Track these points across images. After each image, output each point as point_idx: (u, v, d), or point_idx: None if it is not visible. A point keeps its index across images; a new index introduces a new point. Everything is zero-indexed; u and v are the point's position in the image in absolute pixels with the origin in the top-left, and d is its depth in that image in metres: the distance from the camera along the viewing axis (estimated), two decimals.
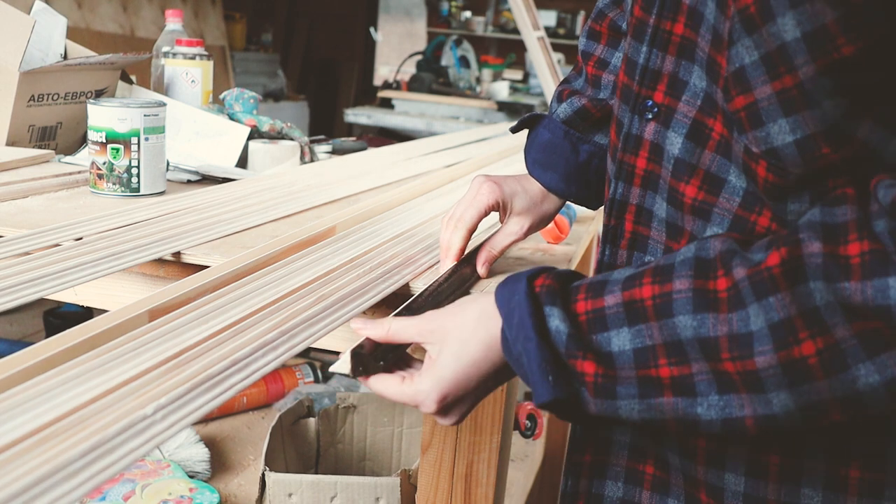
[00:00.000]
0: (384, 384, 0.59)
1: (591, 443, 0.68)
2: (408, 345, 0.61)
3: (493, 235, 0.80)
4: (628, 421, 0.54)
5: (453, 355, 0.57)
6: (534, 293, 0.56)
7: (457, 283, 0.74)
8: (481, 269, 0.78)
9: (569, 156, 0.81)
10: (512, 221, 0.79)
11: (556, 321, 0.54)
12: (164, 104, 1.04)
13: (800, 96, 0.49)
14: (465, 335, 0.57)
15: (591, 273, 0.96)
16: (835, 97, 0.48)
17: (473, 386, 0.58)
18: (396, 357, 0.61)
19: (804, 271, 0.47)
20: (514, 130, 0.88)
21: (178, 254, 0.77)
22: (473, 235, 0.77)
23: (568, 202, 0.85)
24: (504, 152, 1.63)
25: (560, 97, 0.83)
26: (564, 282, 0.57)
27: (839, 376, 0.47)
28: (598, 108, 0.80)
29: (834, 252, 0.46)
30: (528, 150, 0.84)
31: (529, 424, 1.10)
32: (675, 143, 0.60)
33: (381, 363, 0.59)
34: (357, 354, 0.57)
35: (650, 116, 0.61)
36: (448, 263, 0.76)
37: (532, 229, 0.80)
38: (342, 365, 0.56)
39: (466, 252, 0.78)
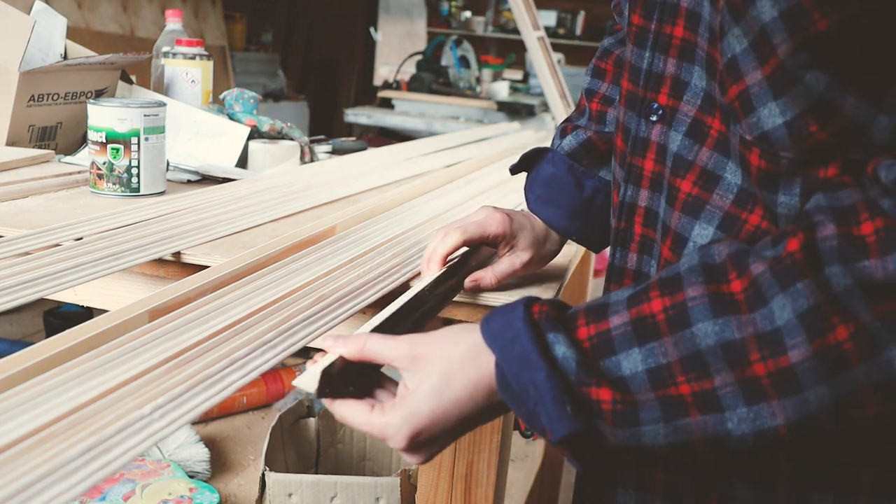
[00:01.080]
0: (350, 411, 0.53)
1: None
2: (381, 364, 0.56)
3: (498, 261, 0.76)
4: (652, 449, 0.50)
5: (434, 390, 0.52)
6: (533, 320, 0.52)
7: (442, 296, 0.69)
8: (469, 283, 0.73)
9: (572, 191, 0.79)
10: (515, 255, 0.75)
11: (562, 348, 0.50)
12: (164, 104, 1.04)
13: (783, 76, 0.50)
14: (451, 370, 0.52)
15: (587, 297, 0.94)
16: (813, 71, 0.49)
17: (451, 426, 0.53)
18: (370, 381, 0.56)
19: (819, 257, 0.46)
20: (515, 171, 0.85)
21: (178, 254, 0.77)
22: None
23: None
24: (504, 152, 1.63)
25: (563, 132, 0.82)
26: (559, 309, 0.54)
27: (874, 360, 0.45)
28: (603, 140, 0.79)
29: (848, 233, 0.46)
30: (530, 186, 0.82)
31: None
32: (675, 140, 0.60)
33: (351, 388, 0.53)
34: (327, 374, 0.51)
35: (655, 119, 0.62)
36: (434, 268, 0.71)
37: (528, 267, 0.77)
38: (308, 382, 0.50)
39: (450, 264, 0.73)
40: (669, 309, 0.49)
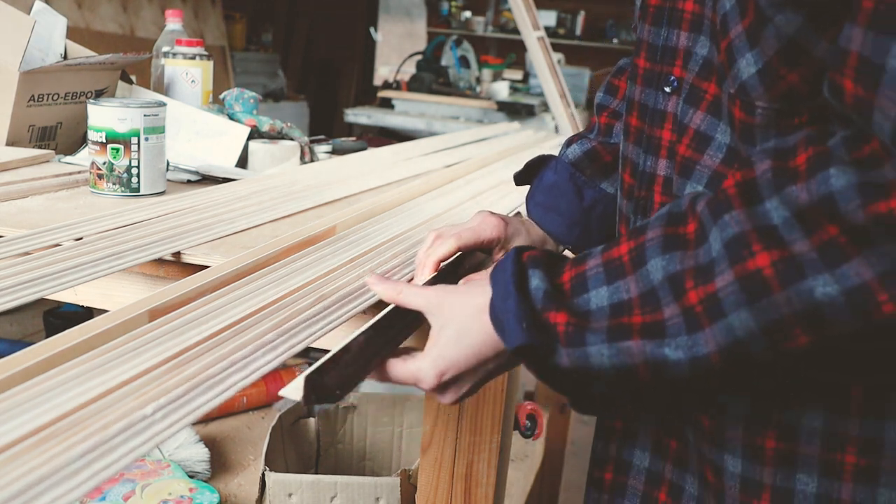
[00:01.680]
0: (388, 366, 0.60)
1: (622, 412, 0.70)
2: (392, 350, 0.61)
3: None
4: (600, 371, 0.54)
5: (454, 337, 0.59)
6: (521, 261, 0.58)
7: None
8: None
9: (572, 199, 0.81)
10: None
11: (536, 280, 0.56)
12: (164, 104, 1.04)
13: (758, 21, 0.52)
14: (468, 319, 0.59)
15: None
16: (786, 11, 0.50)
17: (472, 367, 0.59)
18: (360, 372, 0.58)
19: (758, 191, 0.48)
20: (519, 180, 0.87)
21: (178, 254, 0.77)
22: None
23: None
24: (504, 152, 1.63)
25: (569, 143, 0.84)
26: (554, 257, 0.59)
27: (796, 286, 0.46)
28: (608, 151, 0.81)
29: (783, 166, 0.48)
30: (532, 194, 0.84)
31: (529, 424, 1.10)
32: (679, 107, 0.64)
33: (338, 392, 0.54)
34: (311, 380, 0.51)
35: (669, 90, 0.64)
36: (427, 273, 0.71)
37: None
38: (293, 391, 0.50)
39: (442, 268, 0.74)
40: (633, 250, 0.54)
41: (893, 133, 0.44)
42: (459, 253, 0.74)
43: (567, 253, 0.89)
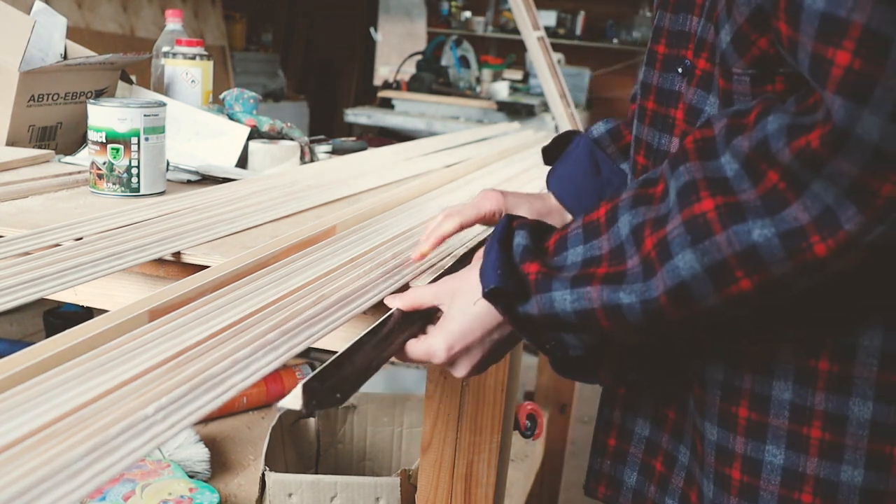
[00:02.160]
0: (407, 347, 0.65)
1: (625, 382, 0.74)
2: (391, 351, 0.64)
3: None
4: (563, 317, 0.57)
5: (459, 310, 0.64)
6: (510, 225, 0.63)
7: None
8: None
9: (588, 172, 0.84)
10: None
11: (519, 238, 0.61)
12: (164, 104, 1.04)
13: None
14: (471, 292, 0.63)
15: None
16: None
17: (478, 337, 0.64)
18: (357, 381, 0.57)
19: (714, 148, 0.52)
20: (547, 158, 0.89)
21: (178, 254, 0.77)
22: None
23: None
24: (504, 152, 1.63)
25: (597, 123, 0.88)
26: (544, 225, 0.64)
27: (735, 228, 0.49)
28: (630, 131, 0.82)
29: (736, 122, 0.52)
30: (555, 167, 0.86)
31: (529, 424, 1.10)
32: (682, 85, 0.67)
33: (338, 395, 0.54)
34: (309, 387, 0.51)
35: (681, 71, 0.67)
36: (426, 246, 0.75)
37: None
38: (293, 400, 0.51)
39: (461, 256, 0.82)
40: (609, 211, 0.58)
41: (810, 67, 0.47)
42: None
43: None
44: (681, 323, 0.55)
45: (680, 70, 0.67)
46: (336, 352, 0.57)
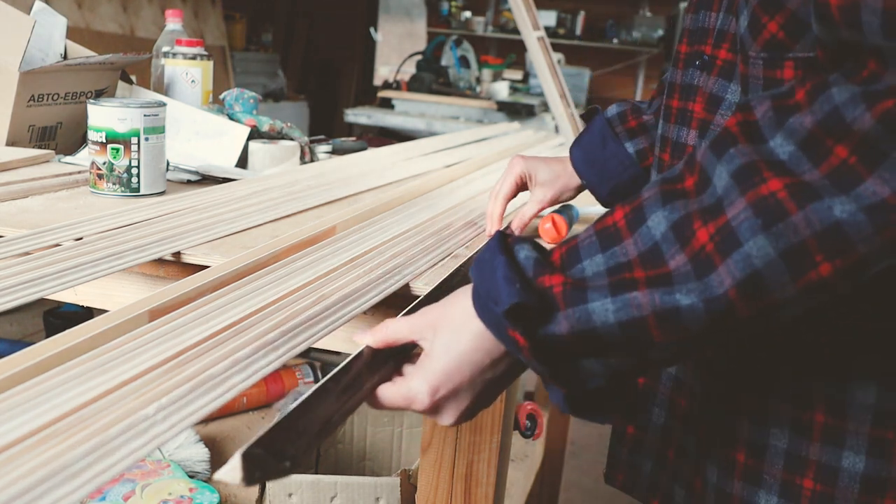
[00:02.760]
0: (380, 392, 0.55)
1: None
2: (353, 404, 0.54)
3: (523, 205, 0.95)
4: (605, 331, 0.49)
5: (444, 347, 0.54)
6: (506, 243, 0.54)
7: (458, 282, 0.70)
8: (516, 231, 0.93)
9: (597, 145, 0.92)
10: (537, 191, 0.93)
11: (524, 252, 0.53)
12: (164, 104, 1.04)
13: None
14: (457, 325, 0.54)
15: None
16: None
17: (467, 378, 0.54)
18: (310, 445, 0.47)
19: (761, 132, 0.48)
20: (586, 118, 0.98)
21: (178, 254, 0.77)
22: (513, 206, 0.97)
23: (572, 204, 0.99)
24: (504, 152, 1.63)
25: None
26: (540, 244, 0.57)
27: (813, 206, 0.44)
28: (635, 117, 0.91)
29: (783, 103, 0.48)
30: (578, 138, 0.95)
31: (529, 424, 1.10)
32: (703, 79, 0.68)
33: (287, 463, 0.44)
34: (250, 456, 0.42)
35: (698, 64, 0.68)
36: (492, 228, 0.92)
37: (556, 199, 0.94)
38: (230, 472, 0.42)
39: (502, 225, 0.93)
40: (629, 214, 0.51)
41: (883, 25, 0.43)
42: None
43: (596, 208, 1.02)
44: (748, 322, 0.48)
45: (698, 63, 0.68)
46: (338, 352, 0.56)
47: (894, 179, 0.43)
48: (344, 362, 0.54)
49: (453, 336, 0.54)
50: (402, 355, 0.58)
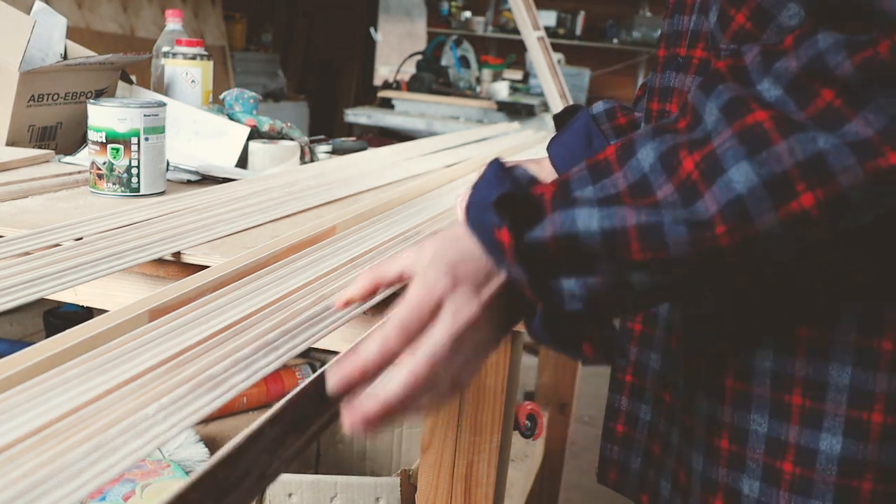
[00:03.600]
0: (365, 346, 0.51)
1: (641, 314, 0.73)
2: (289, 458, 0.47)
3: None
4: (586, 240, 0.49)
5: (433, 251, 0.53)
6: (503, 165, 0.54)
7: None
8: None
9: (581, 143, 0.89)
10: None
11: (519, 171, 0.53)
12: (164, 104, 1.04)
13: None
14: (446, 239, 0.54)
15: None
16: None
17: (462, 272, 0.52)
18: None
19: (749, 76, 0.49)
20: (558, 122, 0.96)
21: (178, 254, 0.77)
22: None
23: None
24: (504, 152, 1.63)
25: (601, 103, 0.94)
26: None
27: (797, 136, 0.45)
28: (623, 113, 0.89)
29: (771, 49, 0.49)
30: (556, 136, 0.92)
31: (529, 424, 1.10)
32: (677, 79, 0.69)
33: None
34: None
35: (674, 66, 0.69)
36: None
37: None
38: None
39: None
40: (620, 149, 0.52)
41: None
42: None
43: None
44: (731, 254, 0.48)
45: (674, 66, 0.68)
46: (339, 352, 0.56)
47: (878, 121, 0.44)
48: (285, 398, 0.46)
49: (443, 244, 0.54)
50: (321, 411, 0.50)
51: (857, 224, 0.49)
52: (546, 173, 0.89)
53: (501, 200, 0.51)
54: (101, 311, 0.61)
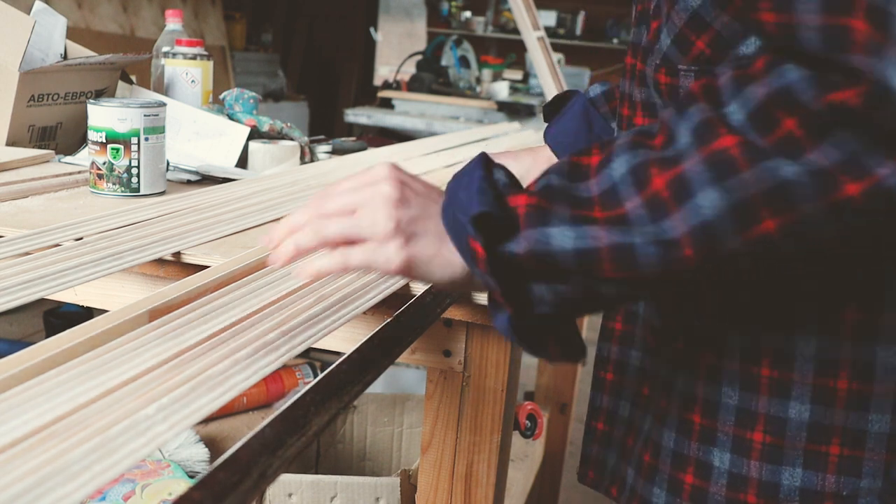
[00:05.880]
0: (321, 263, 0.58)
1: (622, 313, 0.75)
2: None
3: None
4: (560, 256, 0.51)
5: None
6: (488, 160, 0.58)
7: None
8: None
9: (582, 127, 0.90)
10: None
11: (499, 174, 0.56)
12: (164, 104, 1.04)
13: (671, 3, 0.61)
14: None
15: None
16: None
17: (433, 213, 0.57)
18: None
19: (721, 97, 0.50)
20: (546, 116, 0.95)
21: (178, 254, 0.77)
22: None
23: None
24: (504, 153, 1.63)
25: (595, 86, 0.95)
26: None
27: (762, 164, 0.47)
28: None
29: (743, 73, 0.50)
30: (552, 123, 0.92)
31: (529, 424, 1.10)
32: (636, 89, 0.70)
33: None
34: None
35: (630, 76, 0.70)
36: None
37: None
38: None
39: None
40: (602, 160, 0.54)
41: (821, 40, 0.46)
42: None
43: None
44: (698, 270, 0.50)
45: (630, 76, 0.71)
46: (338, 352, 0.56)
47: (836, 155, 0.46)
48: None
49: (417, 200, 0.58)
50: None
51: (825, 244, 0.50)
52: (542, 164, 0.90)
53: (479, 217, 0.53)
54: (101, 311, 0.61)
